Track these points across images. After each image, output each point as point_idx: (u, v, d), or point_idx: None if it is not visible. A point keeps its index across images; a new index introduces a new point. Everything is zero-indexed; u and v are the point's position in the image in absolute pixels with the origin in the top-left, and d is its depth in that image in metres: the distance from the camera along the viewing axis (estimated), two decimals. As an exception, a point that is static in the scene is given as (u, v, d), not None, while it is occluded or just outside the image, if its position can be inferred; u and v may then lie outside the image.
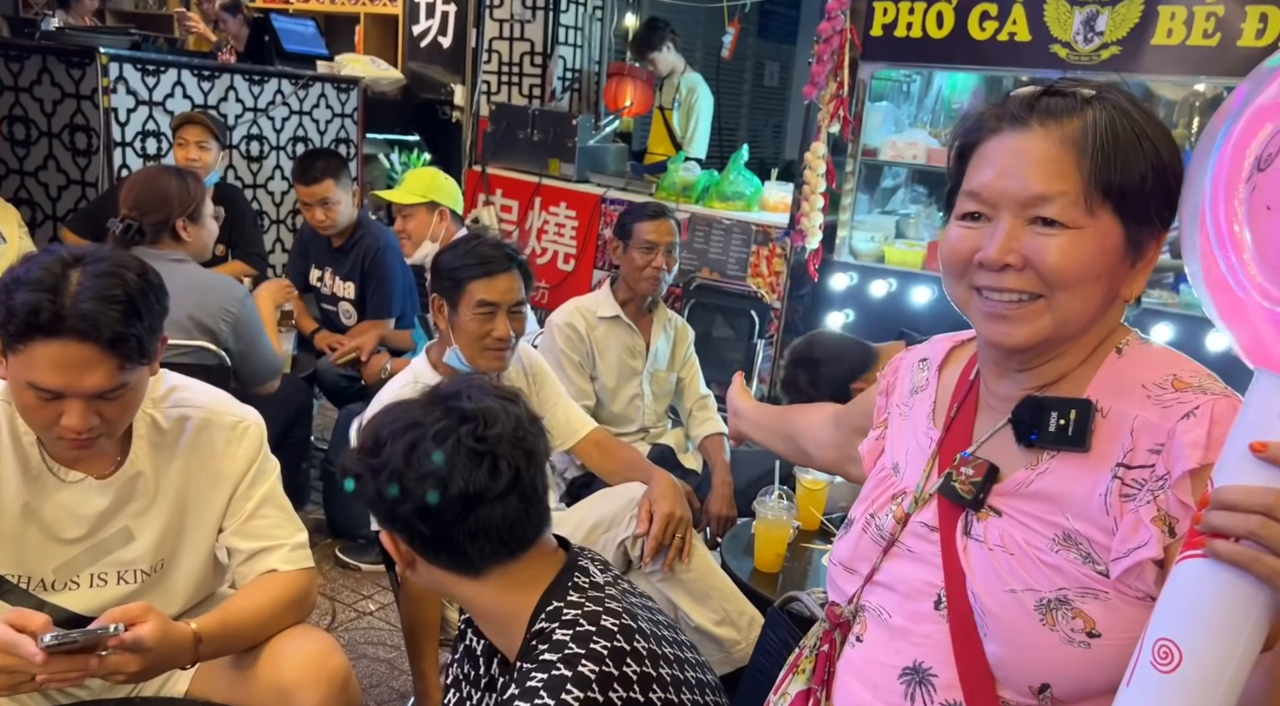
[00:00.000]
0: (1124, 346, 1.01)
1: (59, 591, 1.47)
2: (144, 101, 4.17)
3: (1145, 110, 0.97)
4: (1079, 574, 0.94)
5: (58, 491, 1.45)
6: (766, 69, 8.87)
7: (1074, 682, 0.95)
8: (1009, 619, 0.96)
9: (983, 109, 1.02)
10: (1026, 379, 1.04)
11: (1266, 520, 0.74)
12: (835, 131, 3.85)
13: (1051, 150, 0.94)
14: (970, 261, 0.98)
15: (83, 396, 1.33)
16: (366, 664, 2.52)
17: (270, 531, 1.57)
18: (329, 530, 3.17)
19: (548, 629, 1.14)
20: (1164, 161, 0.94)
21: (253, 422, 1.60)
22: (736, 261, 4.44)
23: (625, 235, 2.73)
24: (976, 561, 1.00)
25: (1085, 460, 0.96)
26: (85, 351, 1.30)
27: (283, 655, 1.48)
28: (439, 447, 1.11)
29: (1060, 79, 1.00)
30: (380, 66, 5.84)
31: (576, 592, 1.18)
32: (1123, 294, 0.99)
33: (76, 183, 4.22)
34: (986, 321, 0.99)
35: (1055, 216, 0.93)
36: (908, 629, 1.06)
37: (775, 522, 2.06)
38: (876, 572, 1.11)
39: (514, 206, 5.11)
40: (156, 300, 1.40)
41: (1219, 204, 0.80)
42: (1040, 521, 0.98)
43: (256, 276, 3.63)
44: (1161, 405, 0.94)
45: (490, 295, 2.00)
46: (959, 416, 1.11)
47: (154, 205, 2.57)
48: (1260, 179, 0.77)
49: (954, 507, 1.04)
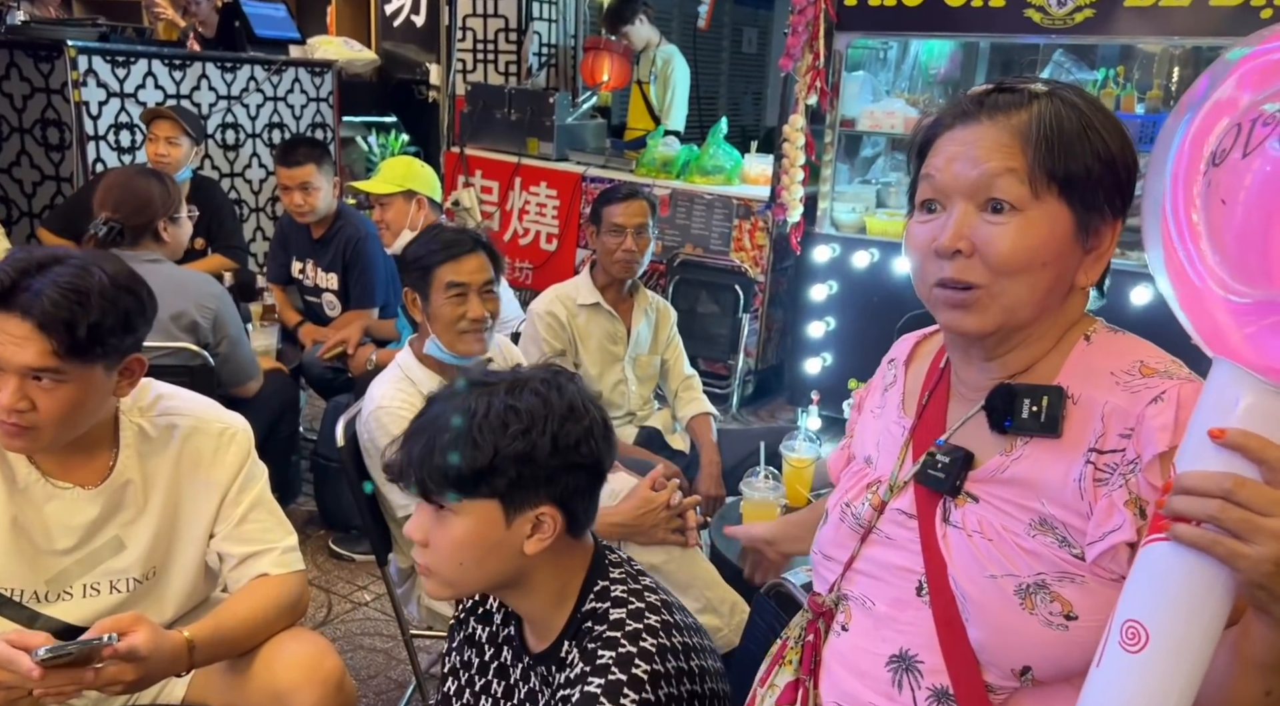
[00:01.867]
0: (1092, 334, 1.04)
1: (52, 602, 1.48)
2: (115, 93, 4.13)
3: (1096, 105, 0.99)
4: (1056, 558, 0.97)
5: (47, 503, 1.46)
6: (744, 35, 8.81)
7: (1054, 664, 0.97)
8: (990, 604, 0.99)
9: (940, 109, 1.06)
10: (995, 368, 1.06)
11: (1225, 504, 0.76)
12: (813, 103, 3.84)
13: (1000, 137, 0.97)
14: (929, 251, 1.00)
15: (15, 372, 1.33)
16: (364, 655, 2.54)
17: (261, 535, 1.58)
18: (321, 522, 3.18)
19: (600, 609, 1.17)
20: (1112, 153, 0.97)
21: (240, 429, 1.60)
22: (719, 236, 4.44)
23: (597, 219, 2.73)
24: (956, 548, 1.03)
25: (1058, 446, 0.99)
26: (25, 328, 1.31)
27: (277, 658, 1.49)
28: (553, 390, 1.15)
29: (1013, 77, 1.03)
30: (354, 48, 5.79)
31: (615, 568, 1.22)
32: (1078, 281, 1.00)
33: (51, 178, 4.18)
34: (944, 310, 1.02)
35: (1003, 196, 0.96)
36: (892, 616, 1.08)
37: (762, 503, 2.08)
38: (856, 560, 1.14)
39: (494, 187, 5.09)
40: (123, 304, 1.39)
41: (1178, 195, 0.81)
42: (1017, 507, 1.00)
43: (237, 269, 3.62)
44: (1130, 391, 0.96)
45: (459, 276, 2.02)
46: (930, 404, 1.14)
47: (138, 208, 2.58)
48: (1215, 173, 0.79)
49: (931, 494, 1.06)
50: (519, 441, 1.11)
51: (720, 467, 2.67)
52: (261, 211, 4.80)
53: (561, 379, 1.19)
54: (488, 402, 1.13)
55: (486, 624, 1.33)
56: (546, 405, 1.13)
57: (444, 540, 1.15)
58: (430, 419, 1.15)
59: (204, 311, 2.57)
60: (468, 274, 2.03)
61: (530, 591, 1.21)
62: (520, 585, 1.20)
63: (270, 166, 4.72)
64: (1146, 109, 3.57)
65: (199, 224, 3.58)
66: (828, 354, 4.16)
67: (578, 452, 1.14)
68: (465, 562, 1.15)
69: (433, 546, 1.16)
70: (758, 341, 4.43)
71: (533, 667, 1.27)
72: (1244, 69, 0.80)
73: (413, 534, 1.18)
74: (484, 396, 1.14)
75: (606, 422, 1.19)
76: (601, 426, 1.18)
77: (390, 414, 1.96)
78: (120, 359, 1.42)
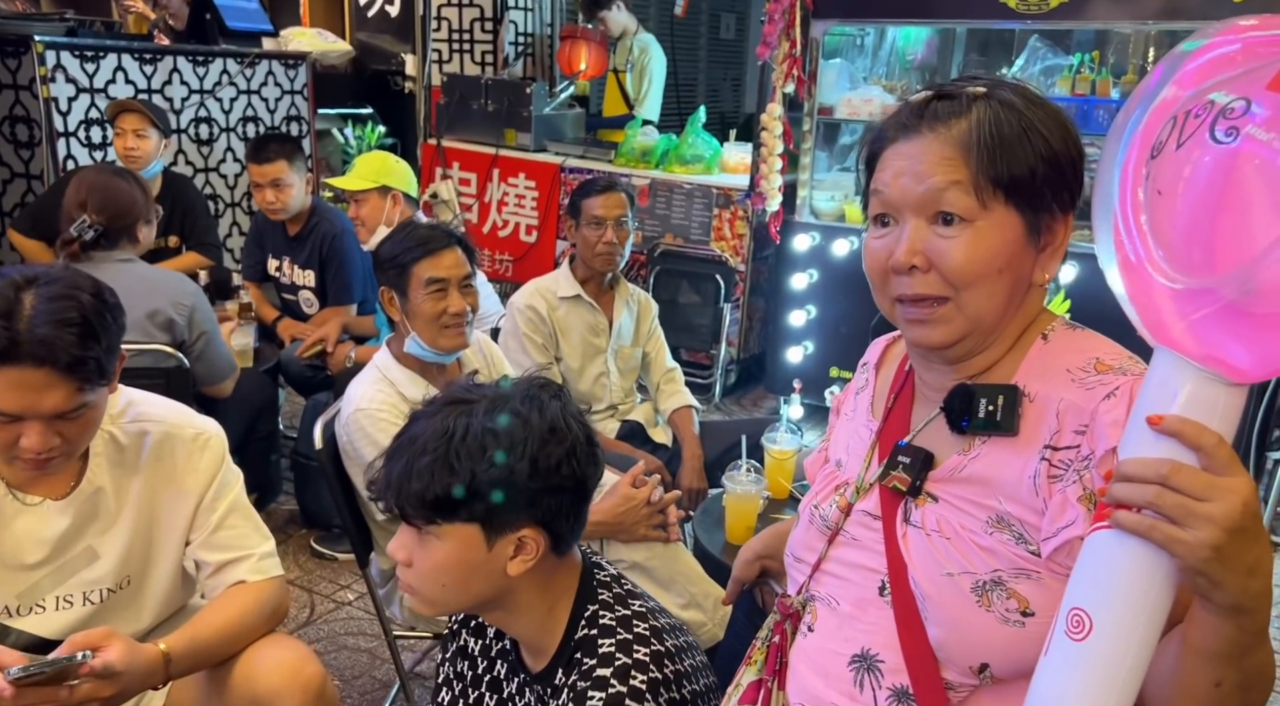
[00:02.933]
0: (1049, 332, 1.05)
1: (24, 617, 1.46)
2: (85, 89, 4.07)
3: (1038, 103, 1.00)
4: (1012, 555, 0.98)
5: (16, 517, 1.43)
6: (722, 21, 8.77)
7: (1011, 661, 0.98)
8: (947, 602, 1.00)
9: (884, 119, 1.06)
10: (955, 370, 1.07)
11: (1162, 489, 0.77)
12: (790, 91, 3.83)
13: (942, 149, 0.98)
14: (886, 268, 1.01)
15: (42, 418, 1.32)
16: (348, 655, 2.53)
17: (237, 542, 1.56)
18: (303, 521, 3.16)
19: (589, 636, 1.16)
20: (1055, 150, 0.97)
21: (213, 434, 1.59)
22: (699, 226, 4.42)
23: (575, 213, 2.71)
24: (915, 547, 1.04)
25: (1014, 444, 1.00)
26: (42, 376, 1.29)
27: (257, 666, 1.48)
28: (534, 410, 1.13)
29: (953, 81, 1.04)
30: (328, 39, 5.72)
31: (604, 590, 1.21)
32: (1036, 279, 1.02)
33: (21, 176, 4.12)
34: (907, 327, 1.04)
35: (952, 209, 0.97)
36: (855, 616, 1.09)
37: (744, 496, 2.08)
38: (824, 561, 1.15)
39: (472, 180, 5.06)
40: (113, 319, 1.39)
41: (1127, 189, 0.83)
42: (974, 505, 1.01)
43: (213, 267, 3.58)
44: (1085, 387, 0.97)
45: (438, 272, 2.01)
46: (896, 407, 1.15)
47: (121, 211, 2.57)
48: (1153, 165, 0.81)
49: (894, 495, 1.08)
50: (495, 467, 1.09)
51: (702, 460, 2.67)
52: (237, 206, 4.75)
53: (544, 396, 1.16)
54: (466, 424, 1.11)
55: (479, 637, 1.32)
56: (526, 426, 1.11)
57: (426, 562, 1.14)
58: (409, 439, 1.13)
59: (179, 309, 2.55)
60: (446, 269, 2.02)
61: (516, 611, 1.19)
62: (505, 605, 1.19)
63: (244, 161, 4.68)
64: (1122, 93, 3.58)
65: (172, 222, 3.54)
66: (809, 342, 4.16)
67: (559, 474, 1.13)
68: (447, 584, 1.14)
69: (415, 567, 1.15)
70: (739, 331, 4.43)
71: (527, 684, 1.26)
72: (1186, 68, 0.81)
73: (396, 553, 1.16)
74: (463, 416, 1.12)
75: (590, 440, 1.17)
76: (585, 445, 1.16)
77: (369, 416, 1.94)
78: (114, 366, 1.42)
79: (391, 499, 1.12)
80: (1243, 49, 0.78)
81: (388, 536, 2.05)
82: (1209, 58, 0.80)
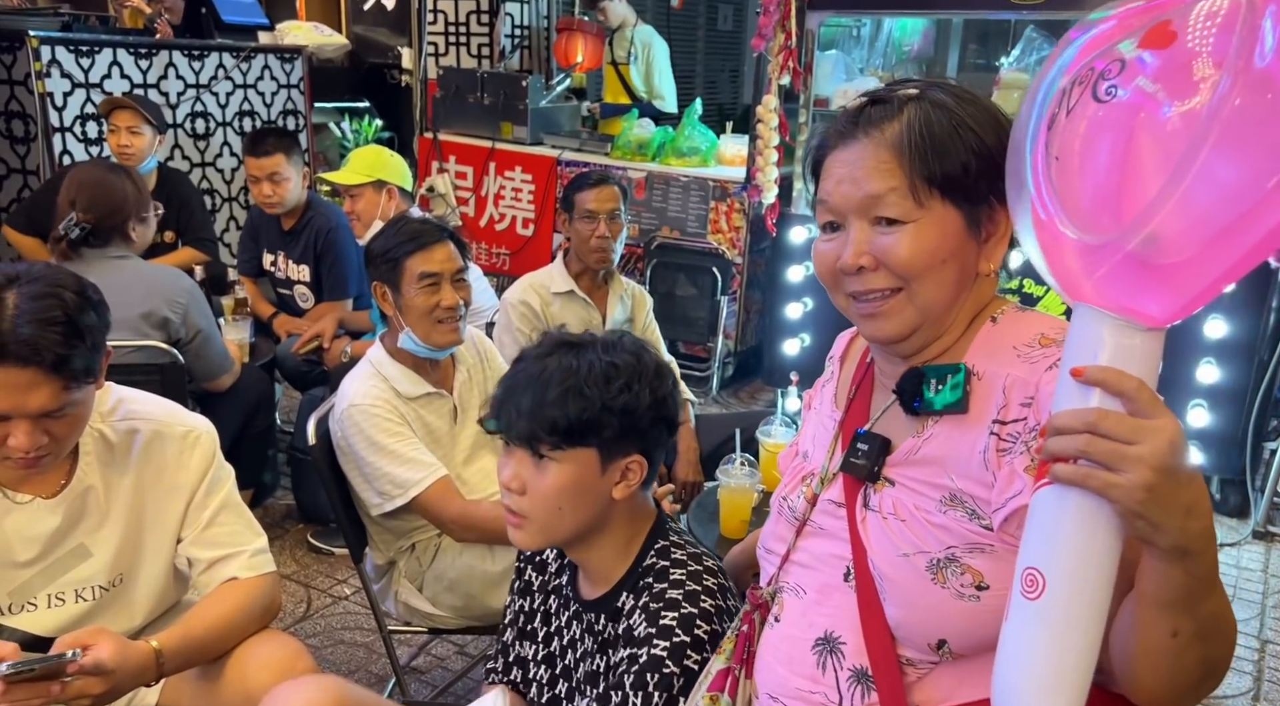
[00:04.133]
0: (999, 316, 1.08)
1: (15, 614, 1.47)
2: (80, 84, 4.06)
3: (966, 99, 1.04)
4: (965, 531, 1.00)
5: (6, 516, 1.44)
6: (719, 12, 8.75)
7: (969, 636, 1.01)
8: (903, 581, 1.03)
9: (826, 127, 1.11)
10: (912, 360, 1.10)
11: (1092, 437, 0.79)
12: (786, 83, 3.82)
13: (877, 154, 1.02)
14: (836, 270, 1.06)
15: (29, 417, 1.33)
16: (344, 649, 2.53)
17: (229, 539, 1.57)
18: (299, 515, 3.17)
19: (662, 567, 1.28)
20: (987, 145, 1.01)
21: (204, 431, 1.59)
22: (696, 218, 4.42)
23: (569, 207, 2.71)
24: (873, 531, 1.07)
25: (965, 421, 1.02)
26: (27, 375, 1.30)
27: (250, 662, 1.48)
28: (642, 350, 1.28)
29: (887, 85, 1.08)
30: (324, 32, 5.71)
31: (673, 533, 1.34)
32: (981, 269, 1.05)
33: (17, 171, 4.12)
34: (862, 321, 1.08)
35: (890, 214, 1.01)
36: (819, 602, 1.12)
37: (739, 489, 2.08)
38: (792, 552, 1.17)
39: (469, 173, 5.05)
40: (98, 317, 1.39)
41: (1039, 159, 0.87)
42: (928, 485, 1.04)
43: (208, 262, 3.58)
44: (1029, 361, 1.00)
45: (430, 266, 2.01)
46: (857, 397, 1.18)
47: (110, 209, 2.55)
48: (1049, 136, 0.85)
49: (856, 482, 1.11)
50: (623, 394, 1.23)
51: (698, 454, 2.67)
52: (234, 201, 4.75)
53: (641, 343, 1.31)
54: (588, 360, 1.24)
55: (541, 573, 1.45)
56: (640, 362, 1.26)
57: (543, 486, 1.25)
58: (530, 376, 1.25)
59: (174, 306, 2.55)
60: (438, 263, 2.01)
61: (603, 538, 1.31)
62: (597, 532, 1.30)
63: (241, 155, 4.67)
64: (1119, 83, 3.57)
65: (168, 217, 3.54)
66: (806, 334, 4.16)
67: (665, 407, 1.27)
68: (564, 507, 1.26)
69: (530, 493, 1.26)
70: (736, 323, 4.43)
71: (580, 614, 1.35)
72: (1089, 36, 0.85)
73: (509, 482, 1.27)
74: (580, 354, 1.25)
75: (678, 384, 1.32)
76: (677, 387, 1.33)
77: (363, 412, 1.95)
78: (100, 364, 1.42)
79: (521, 428, 1.24)
80: (1118, 23, 0.83)
81: (382, 531, 2.06)
82: (1090, 37, 0.85)
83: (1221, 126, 0.72)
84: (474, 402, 2.17)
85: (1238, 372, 3.27)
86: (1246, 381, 3.27)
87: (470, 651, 2.57)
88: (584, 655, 1.34)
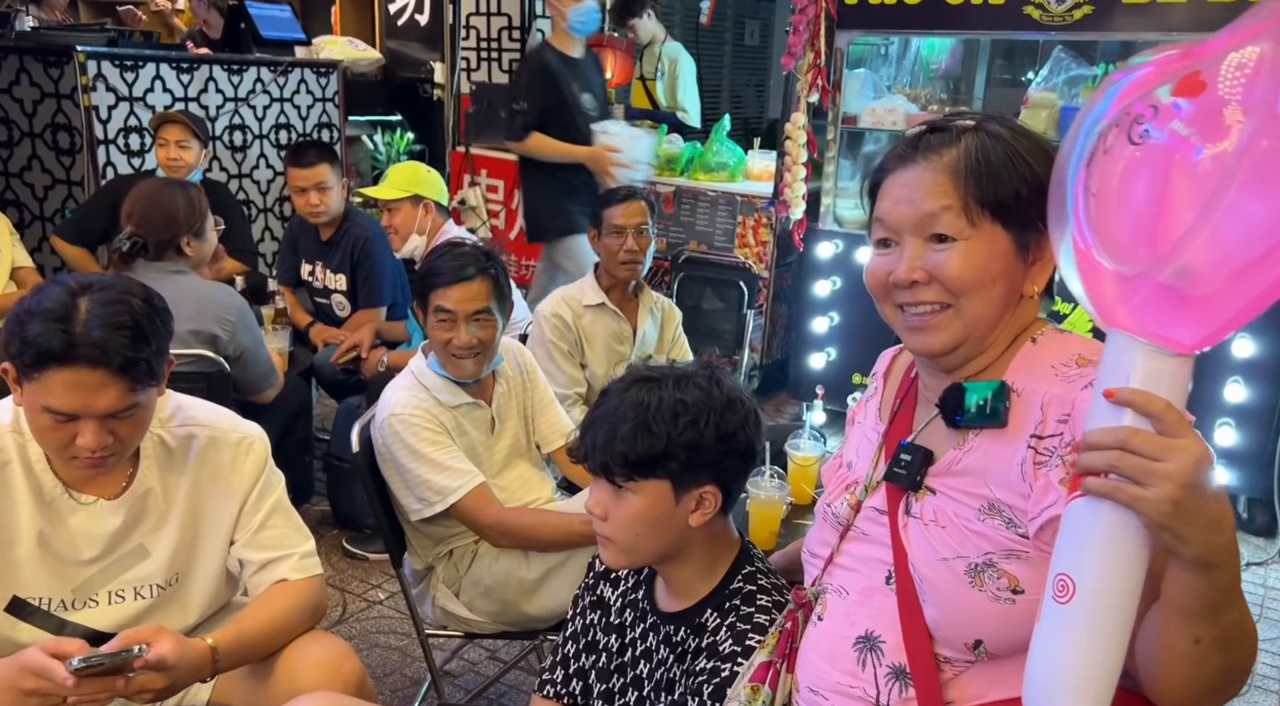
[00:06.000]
0: (1039, 337, 1.13)
1: (79, 610, 1.53)
2: (124, 97, 4.16)
3: (1021, 132, 1.11)
4: (1002, 538, 1.06)
5: (71, 515, 1.50)
6: (747, 28, 8.80)
7: (1004, 637, 1.06)
8: (942, 584, 1.09)
9: (887, 151, 1.19)
10: (954, 376, 1.16)
11: (1122, 453, 0.85)
12: (814, 100, 3.86)
13: (935, 177, 1.09)
14: (888, 283, 1.12)
15: (96, 417, 1.39)
16: (380, 653, 2.59)
17: (279, 542, 1.63)
18: (335, 521, 3.23)
19: (749, 591, 1.34)
20: (1039, 175, 1.06)
21: (257, 438, 1.65)
22: (723, 233, 4.47)
23: (597, 222, 2.77)
24: (914, 537, 1.13)
25: (1004, 435, 1.08)
26: (97, 376, 1.37)
27: (299, 661, 1.54)
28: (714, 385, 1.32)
29: (945, 116, 1.15)
30: (358, 47, 5.81)
31: (759, 561, 1.41)
32: (1027, 291, 1.11)
33: (62, 182, 4.22)
34: (909, 334, 1.14)
35: (945, 231, 1.08)
36: (861, 603, 1.18)
37: (768, 502, 2.11)
38: (836, 555, 1.24)
39: (500, 186, 5.12)
40: (162, 324, 1.47)
41: (1078, 189, 0.93)
42: (968, 495, 1.10)
43: (248, 272, 3.66)
44: (1066, 380, 1.06)
45: (447, 303, 2.02)
46: (901, 410, 1.25)
47: (161, 224, 2.61)
48: (1086, 172, 0.91)
49: (898, 491, 1.17)
50: (689, 431, 1.27)
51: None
52: (269, 212, 4.84)
53: (720, 374, 1.36)
54: (659, 396, 1.29)
55: (615, 587, 1.50)
56: (709, 398, 1.30)
57: (621, 514, 1.32)
58: (608, 410, 1.32)
59: (224, 324, 2.61)
60: (455, 301, 2.01)
61: (686, 561, 1.36)
62: (682, 554, 1.36)
63: (278, 167, 4.76)
64: (1147, 103, 3.59)
65: (210, 228, 3.62)
66: (832, 349, 4.19)
67: (736, 440, 1.31)
68: (640, 534, 1.32)
69: (611, 520, 1.33)
70: (763, 337, 4.47)
71: (656, 626, 1.41)
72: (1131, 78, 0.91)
73: (593, 508, 1.34)
74: (654, 390, 1.31)
75: (758, 413, 1.35)
76: (754, 416, 1.35)
77: (404, 421, 2.00)
78: (164, 368, 1.49)
79: (596, 460, 1.31)
80: (1156, 70, 0.89)
81: (420, 537, 2.12)
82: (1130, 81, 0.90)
83: (1249, 167, 0.77)
84: (511, 414, 2.23)
85: (1265, 392, 3.28)
86: (1274, 401, 3.28)
87: (503, 656, 2.62)
88: (658, 664, 1.40)
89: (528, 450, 2.28)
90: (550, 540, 2.03)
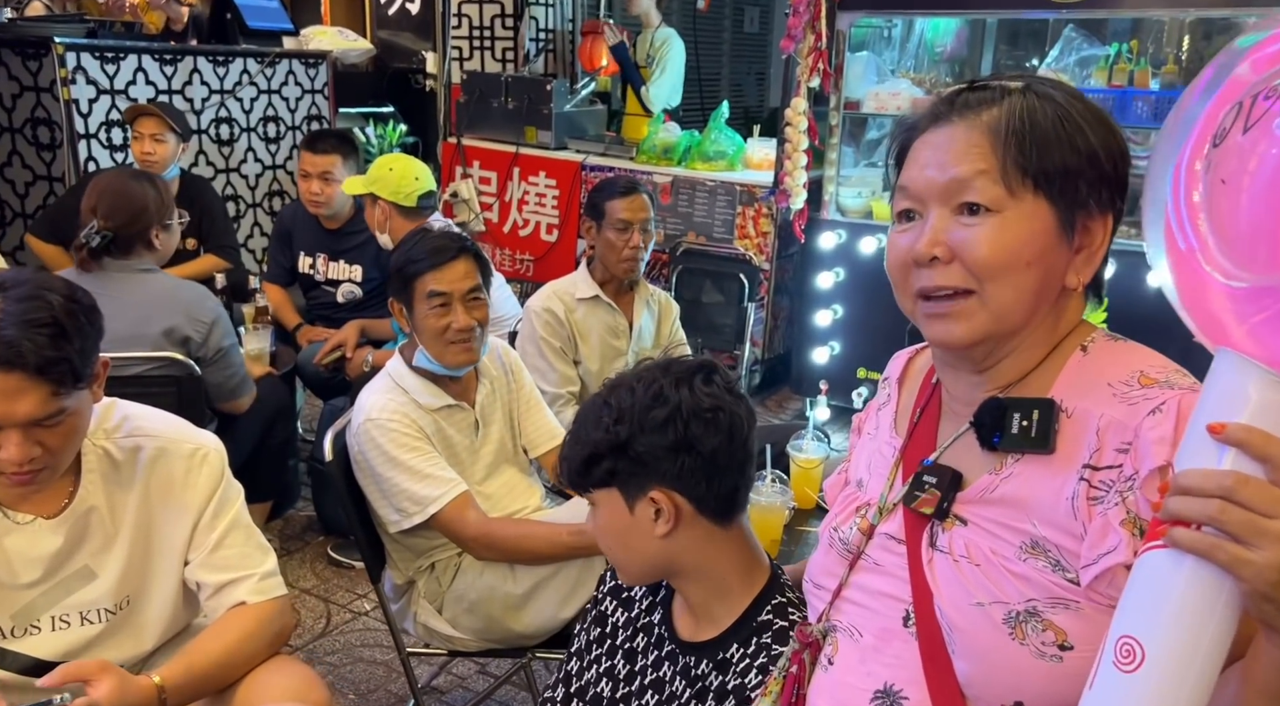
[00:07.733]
0: (1089, 344, 0.98)
1: (19, 637, 1.42)
2: (105, 90, 4.06)
3: (1075, 96, 0.95)
4: (1048, 583, 0.91)
5: (6, 536, 1.39)
6: (746, 15, 8.68)
7: (1047, 699, 0.90)
8: (977, 634, 0.93)
9: (916, 112, 1.02)
10: (985, 380, 1.00)
11: (1226, 504, 0.69)
12: (815, 85, 3.74)
13: (970, 136, 0.94)
14: (908, 262, 0.96)
15: (18, 426, 1.28)
16: (364, 667, 2.47)
17: (238, 562, 1.51)
18: (320, 528, 3.12)
19: (779, 626, 1.22)
20: (1094, 145, 0.92)
21: (212, 449, 1.53)
22: (722, 224, 4.34)
23: (597, 214, 2.64)
24: (942, 574, 0.97)
25: (1050, 462, 0.93)
26: (13, 380, 1.25)
27: (259, 693, 1.42)
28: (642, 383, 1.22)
29: (990, 75, 0.99)
30: (349, 37, 5.68)
31: (791, 592, 1.28)
32: (1069, 283, 0.95)
33: (43, 178, 4.12)
34: (928, 323, 0.98)
35: (977, 199, 0.92)
36: (878, 648, 1.02)
37: (769, 508, 2.00)
38: (844, 588, 1.08)
39: (493, 178, 5.00)
40: (87, 321, 1.34)
41: (1180, 183, 0.77)
42: (1006, 528, 0.94)
43: (229, 270, 3.54)
44: (1128, 402, 0.90)
45: (440, 285, 1.93)
46: (921, 422, 1.08)
47: (131, 217, 2.49)
48: (1215, 154, 0.75)
49: (919, 517, 1.01)
50: (608, 432, 1.20)
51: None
52: (258, 207, 4.73)
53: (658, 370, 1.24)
54: (594, 402, 1.25)
55: (627, 609, 1.38)
56: (632, 395, 1.21)
57: (596, 528, 1.28)
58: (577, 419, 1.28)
59: (197, 326, 2.49)
60: (449, 282, 1.93)
61: (696, 580, 1.26)
62: (681, 573, 1.26)
63: (266, 161, 4.65)
64: (1161, 84, 3.46)
65: (189, 224, 3.50)
66: (835, 342, 4.08)
67: (665, 435, 1.18)
68: (611, 547, 1.28)
69: (595, 534, 1.29)
70: (764, 330, 4.35)
71: (675, 655, 1.28)
72: (1254, 57, 0.75)
73: (586, 525, 1.34)
74: (609, 395, 1.24)
75: (702, 408, 1.20)
76: (697, 410, 1.20)
77: (380, 427, 1.89)
78: (92, 370, 1.36)
79: (562, 472, 1.28)
80: None
81: (400, 550, 2.00)
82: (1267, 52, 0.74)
83: None
84: (496, 416, 2.11)
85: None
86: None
87: (493, 671, 2.50)
88: (669, 697, 1.27)
89: (514, 455, 2.16)
90: (537, 553, 1.91)
